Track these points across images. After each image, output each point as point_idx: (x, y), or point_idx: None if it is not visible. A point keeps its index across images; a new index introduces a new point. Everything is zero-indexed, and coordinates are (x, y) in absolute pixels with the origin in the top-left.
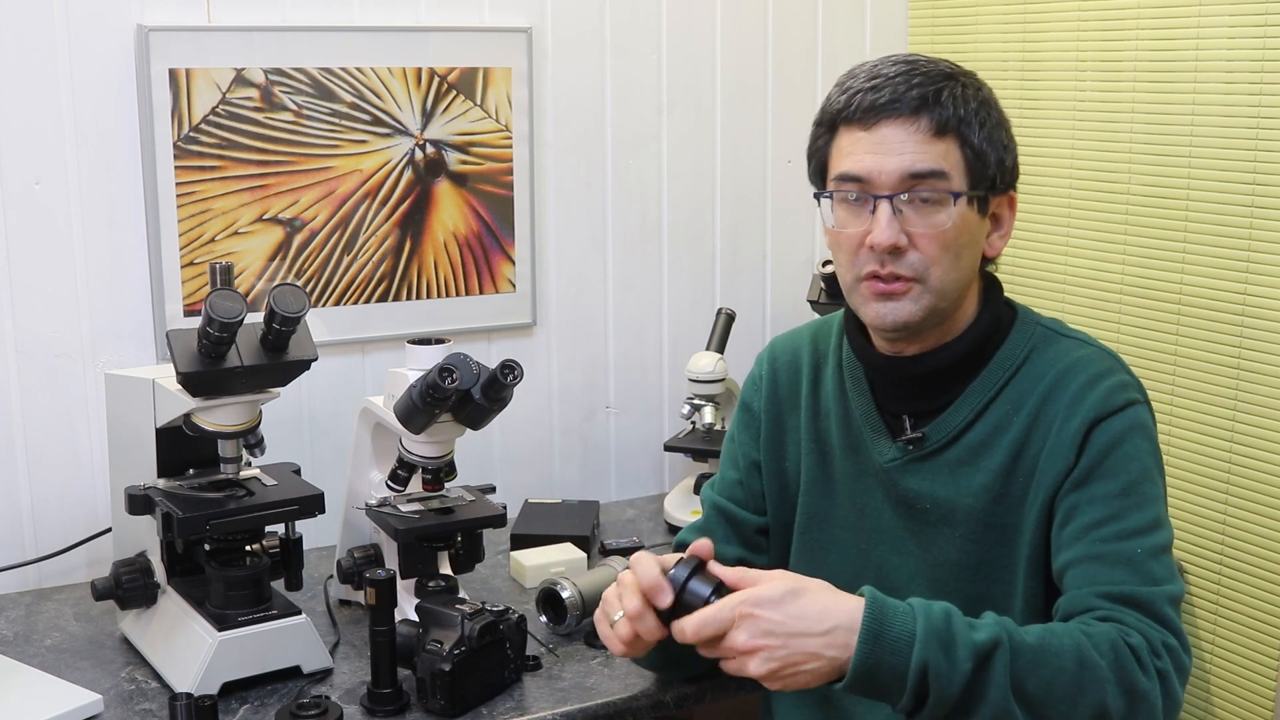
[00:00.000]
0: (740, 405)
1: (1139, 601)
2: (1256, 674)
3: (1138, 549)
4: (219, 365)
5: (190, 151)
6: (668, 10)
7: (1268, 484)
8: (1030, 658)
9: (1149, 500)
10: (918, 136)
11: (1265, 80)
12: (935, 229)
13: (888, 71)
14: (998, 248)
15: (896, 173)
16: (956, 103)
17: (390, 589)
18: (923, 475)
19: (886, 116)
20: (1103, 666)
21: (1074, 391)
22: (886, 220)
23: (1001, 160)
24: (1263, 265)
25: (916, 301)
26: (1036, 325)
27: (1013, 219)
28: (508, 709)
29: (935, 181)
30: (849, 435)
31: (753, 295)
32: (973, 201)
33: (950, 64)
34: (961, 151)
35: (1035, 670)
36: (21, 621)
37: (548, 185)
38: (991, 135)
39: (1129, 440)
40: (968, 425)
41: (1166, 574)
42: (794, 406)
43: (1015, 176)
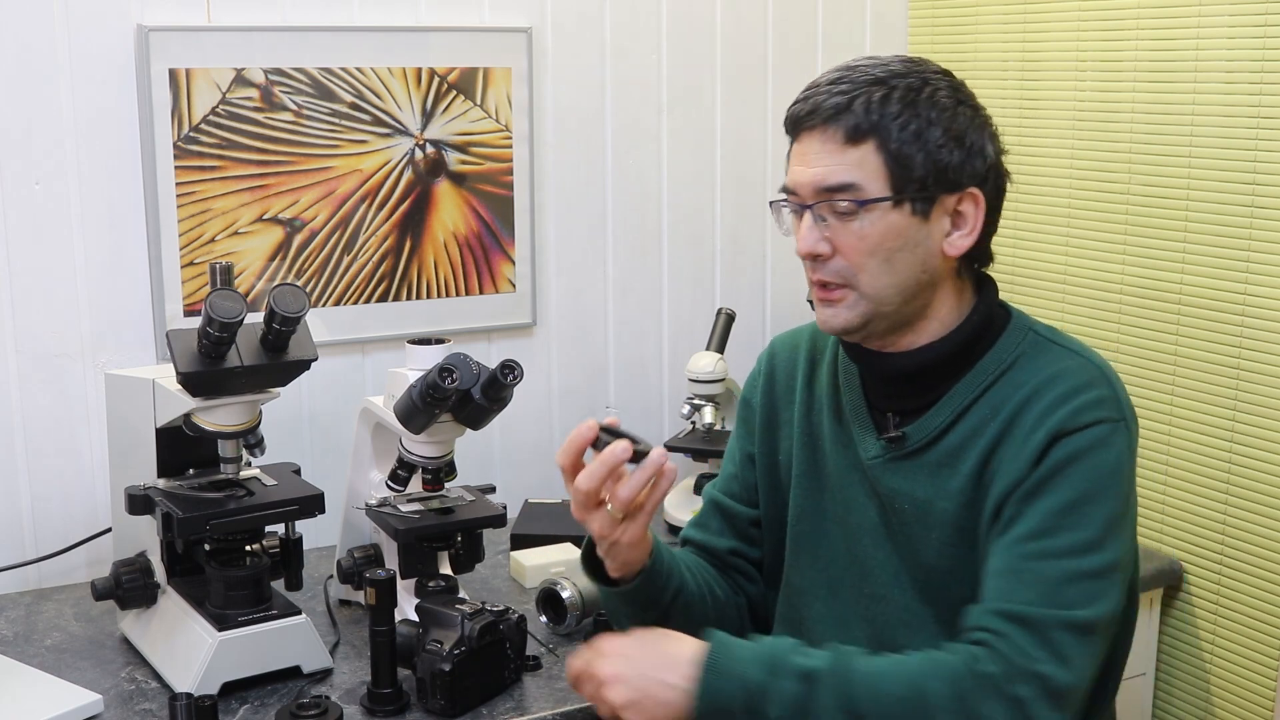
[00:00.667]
0: (741, 401)
1: (1030, 623)
2: (1256, 674)
3: (1056, 570)
4: (219, 365)
5: (190, 151)
6: (668, 10)
7: (1268, 484)
8: (866, 683)
9: (1089, 521)
10: (830, 146)
11: (1265, 80)
12: (854, 236)
13: (821, 80)
14: (960, 247)
15: (811, 185)
16: (871, 108)
17: (390, 589)
18: (903, 475)
19: (806, 128)
20: (940, 694)
21: (1047, 403)
22: (807, 229)
23: (935, 159)
24: (1263, 265)
25: (852, 308)
26: (1029, 331)
27: (980, 216)
28: (508, 709)
29: (845, 194)
30: (839, 430)
31: (753, 295)
32: (901, 205)
33: (901, 64)
34: (879, 156)
35: (870, 695)
36: (21, 621)
37: (548, 185)
38: (919, 136)
39: (1086, 457)
40: (948, 427)
41: (1081, 598)
42: (789, 401)
43: (962, 174)
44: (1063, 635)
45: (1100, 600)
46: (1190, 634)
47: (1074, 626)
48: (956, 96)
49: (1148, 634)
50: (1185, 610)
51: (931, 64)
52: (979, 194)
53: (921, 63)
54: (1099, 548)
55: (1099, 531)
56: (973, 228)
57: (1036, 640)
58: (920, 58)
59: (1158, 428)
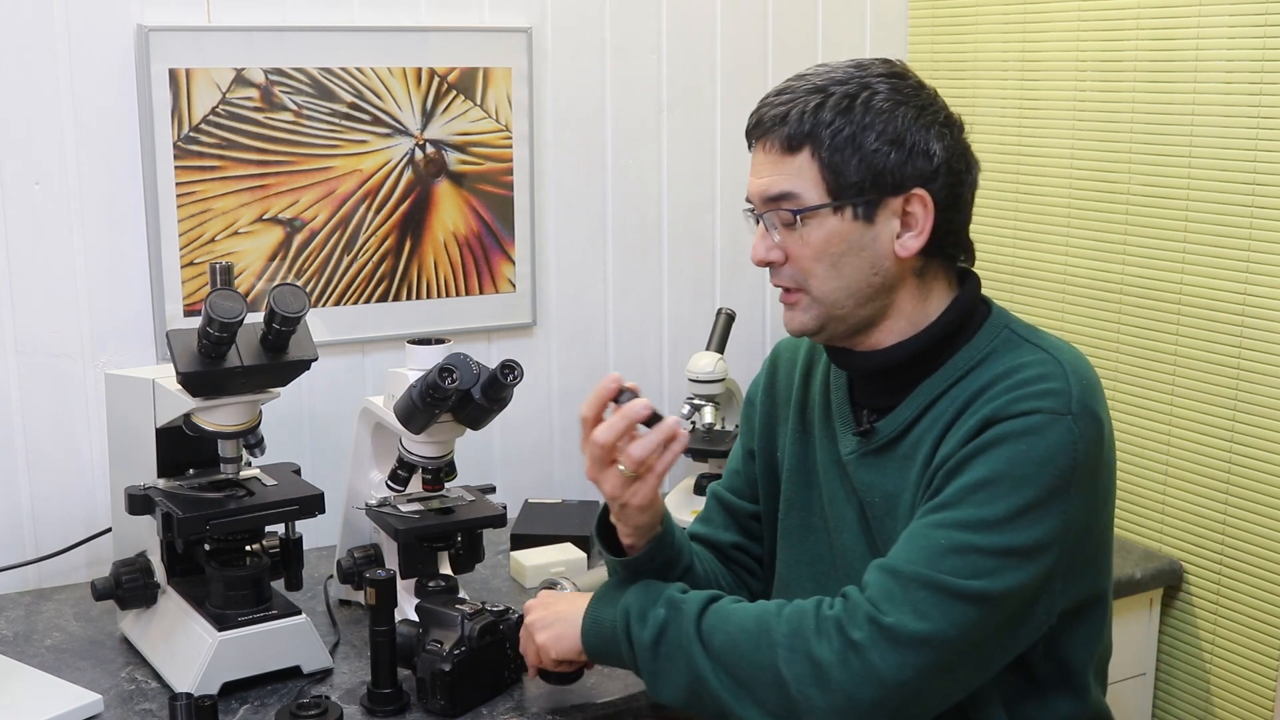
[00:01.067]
0: (745, 400)
1: (894, 573)
2: (1256, 674)
3: (943, 538)
4: (219, 365)
5: (190, 151)
6: (668, 10)
7: (1268, 484)
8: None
9: (995, 500)
10: (772, 157)
11: (1265, 80)
12: (800, 243)
13: (770, 92)
14: (910, 248)
15: (759, 194)
16: (804, 117)
17: (390, 589)
18: (875, 469)
19: (755, 139)
20: (778, 630)
21: (994, 391)
22: (759, 238)
23: (871, 164)
24: (1263, 265)
25: (806, 311)
26: (1004, 328)
27: (929, 216)
28: (508, 709)
29: (785, 202)
30: (827, 426)
31: (753, 295)
32: (842, 210)
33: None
34: (814, 164)
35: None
36: (21, 621)
37: (548, 185)
38: (853, 140)
39: (1011, 442)
40: (914, 421)
41: (960, 568)
42: (787, 398)
43: (904, 175)
44: (923, 593)
45: (985, 576)
46: (1190, 634)
47: (939, 587)
48: (897, 98)
49: (1148, 634)
50: (1185, 610)
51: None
52: (925, 194)
53: (868, 65)
54: (997, 528)
55: (1003, 513)
56: (921, 229)
57: (895, 591)
58: (876, 60)
59: (1158, 428)
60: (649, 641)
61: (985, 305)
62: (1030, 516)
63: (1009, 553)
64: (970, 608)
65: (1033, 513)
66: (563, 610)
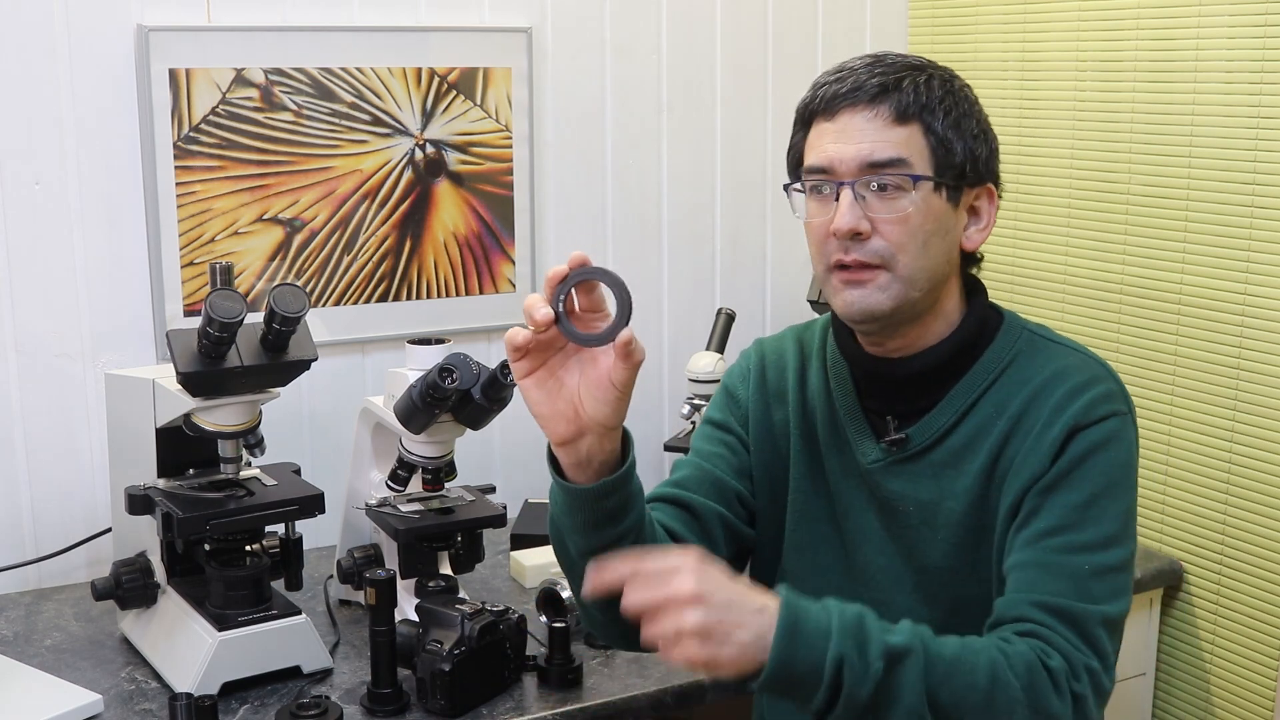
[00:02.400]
0: (722, 390)
1: (1072, 617)
2: (1256, 674)
3: (1084, 564)
4: (219, 365)
5: (190, 151)
6: (668, 10)
7: (1268, 484)
8: (945, 669)
9: (1108, 516)
10: (877, 123)
11: (1265, 80)
12: (897, 214)
13: (853, 64)
14: (976, 241)
15: (855, 160)
16: (919, 90)
17: (390, 589)
18: (905, 477)
19: (848, 105)
20: (1015, 687)
21: (1059, 398)
22: (847, 206)
23: (971, 150)
24: (1263, 265)
25: (884, 290)
26: (1023, 330)
27: (993, 213)
28: (508, 709)
29: (895, 168)
30: (834, 434)
31: (753, 295)
32: (940, 189)
33: (923, 59)
34: (925, 138)
35: (948, 682)
36: (21, 621)
37: (548, 185)
38: (959, 124)
39: (1103, 452)
40: (951, 428)
41: (1108, 594)
42: (781, 401)
43: (992, 170)
44: (1099, 631)
45: (1122, 596)
46: (1190, 634)
47: (1107, 622)
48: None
49: (1148, 634)
50: (1185, 610)
51: None
52: (994, 190)
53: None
54: (1118, 542)
55: (1118, 526)
56: (987, 223)
57: (1079, 635)
58: None
59: (1158, 428)
60: (867, 697)
61: (995, 309)
62: (1131, 519)
63: (1129, 563)
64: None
65: (1130, 515)
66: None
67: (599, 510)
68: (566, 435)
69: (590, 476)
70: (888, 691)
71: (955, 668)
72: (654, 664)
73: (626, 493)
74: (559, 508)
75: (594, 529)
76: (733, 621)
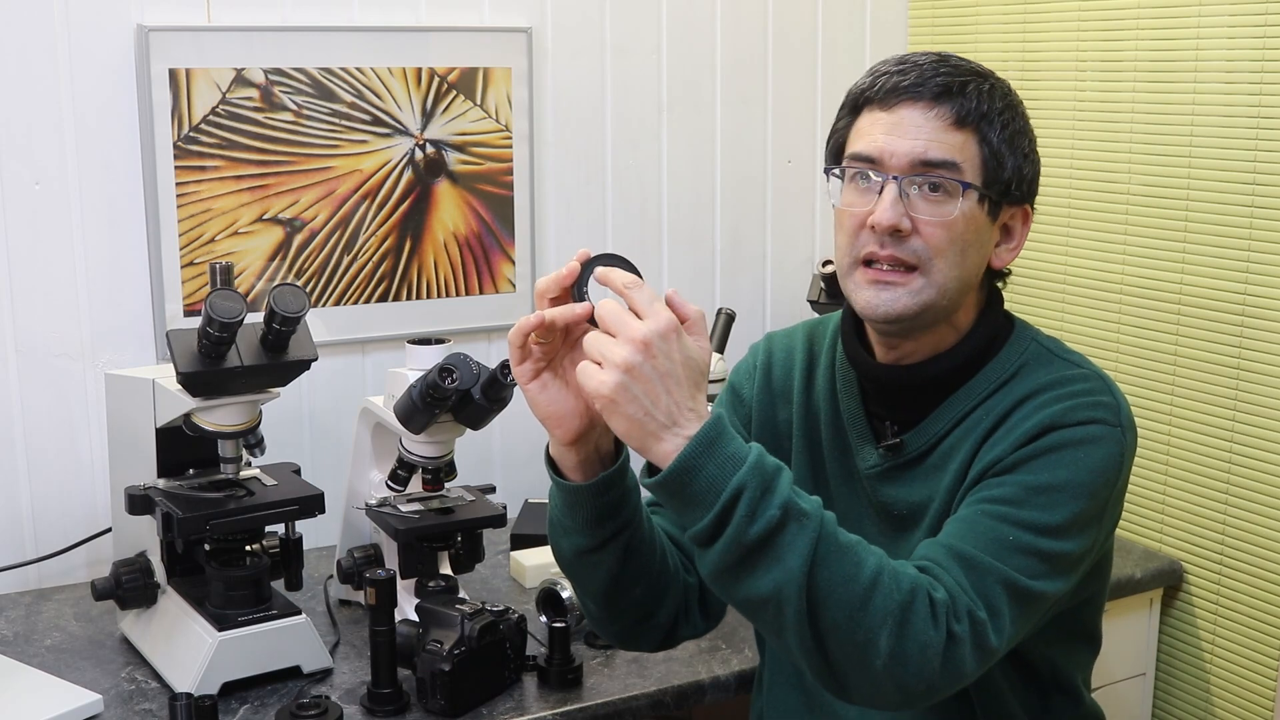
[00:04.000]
0: (728, 387)
1: (974, 566)
2: (1256, 674)
3: (1009, 535)
4: (219, 365)
5: (190, 151)
6: (668, 10)
7: (1268, 484)
8: (835, 550)
9: (1056, 507)
10: (935, 123)
11: (1265, 80)
12: (942, 218)
13: (917, 59)
14: (1004, 259)
15: (908, 156)
16: (981, 98)
17: (390, 589)
18: (900, 482)
19: (907, 99)
20: (894, 599)
21: (1043, 399)
22: (891, 201)
23: (1019, 167)
24: (1263, 265)
25: (916, 294)
26: (1032, 341)
27: (1025, 234)
28: (508, 709)
29: (947, 171)
30: (837, 438)
31: (753, 295)
32: (983, 201)
33: (988, 68)
34: (979, 147)
35: (832, 563)
36: (21, 621)
37: (548, 185)
38: (1013, 140)
39: (1074, 449)
40: (945, 433)
41: (1023, 567)
42: (786, 400)
43: (1033, 191)
44: (999, 590)
45: (1039, 578)
46: (1190, 634)
47: (1011, 587)
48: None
49: (1148, 634)
50: (1185, 610)
51: None
52: (1030, 212)
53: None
54: (1057, 534)
55: (1062, 520)
56: (1017, 244)
57: (976, 584)
58: None
59: (1158, 428)
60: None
61: (1008, 319)
62: (1083, 526)
63: (1063, 559)
64: (1026, 610)
65: (1085, 523)
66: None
67: (600, 505)
68: (576, 432)
69: (588, 474)
70: (772, 543)
71: (844, 554)
72: (654, 664)
73: (624, 486)
74: (559, 509)
75: (596, 525)
76: (657, 390)
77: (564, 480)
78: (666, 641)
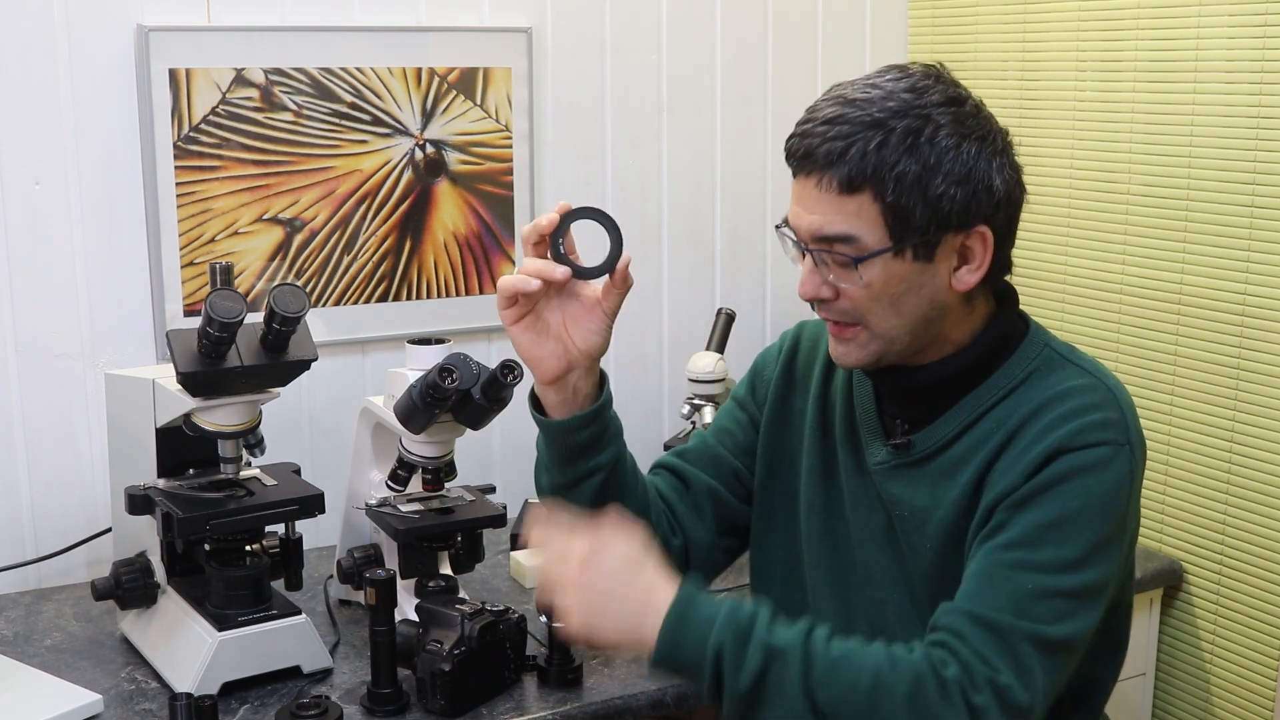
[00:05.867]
0: (753, 366)
1: (996, 629)
2: (1256, 674)
3: (1029, 583)
4: (219, 365)
5: (190, 151)
6: (668, 10)
7: (1268, 484)
8: (826, 670)
9: (1071, 540)
10: (828, 195)
11: (1265, 80)
12: (857, 284)
13: (818, 116)
14: (968, 282)
15: (808, 232)
16: (866, 156)
17: (390, 589)
18: (905, 482)
19: (803, 170)
20: (898, 693)
21: (1051, 419)
22: (808, 273)
23: (937, 207)
24: (1263, 265)
25: (864, 347)
26: (1045, 347)
27: (988, 252)
28: (508, 709)
29: (842, 245)
30: (850, 431)
31: (753, 295)
32: (903, 253)
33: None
34: (877, 206)
35: (829, 683)
36: (21, 621)
37: (548, 185)
38: (920, 182)
39: (1083, 477)
40: (954, 438)
41: (1049, 615)
42: (804, 389)
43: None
44: (1026, 648)
45: (1070, 620)
46: (1190, 634)
47: (1039, 641)
48: (961, 131)
49: (1148, 634)
50: (1185, 610)
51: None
52: (987, 231)
53: (924, 91)
54: (1078, 567)
55: (1081, 552)
56: (980, 264)
57: (1000, 648)
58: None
59: (1158, 428)
60: (745, 690)
61: (1022, 320)
62: (1103, 551)
63: (1088, 591)
64: (1060, 658)
65: (1104, 548)
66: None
67: (571, 444)
68: (556, 372)
69: (566, 414)
70: (764, 685)
71: (837, 670)
72: None
73: (600, 427)
74: (540, 445)
75: (567, 463)
76: (606, 609)
77: (544, 417)
78: None
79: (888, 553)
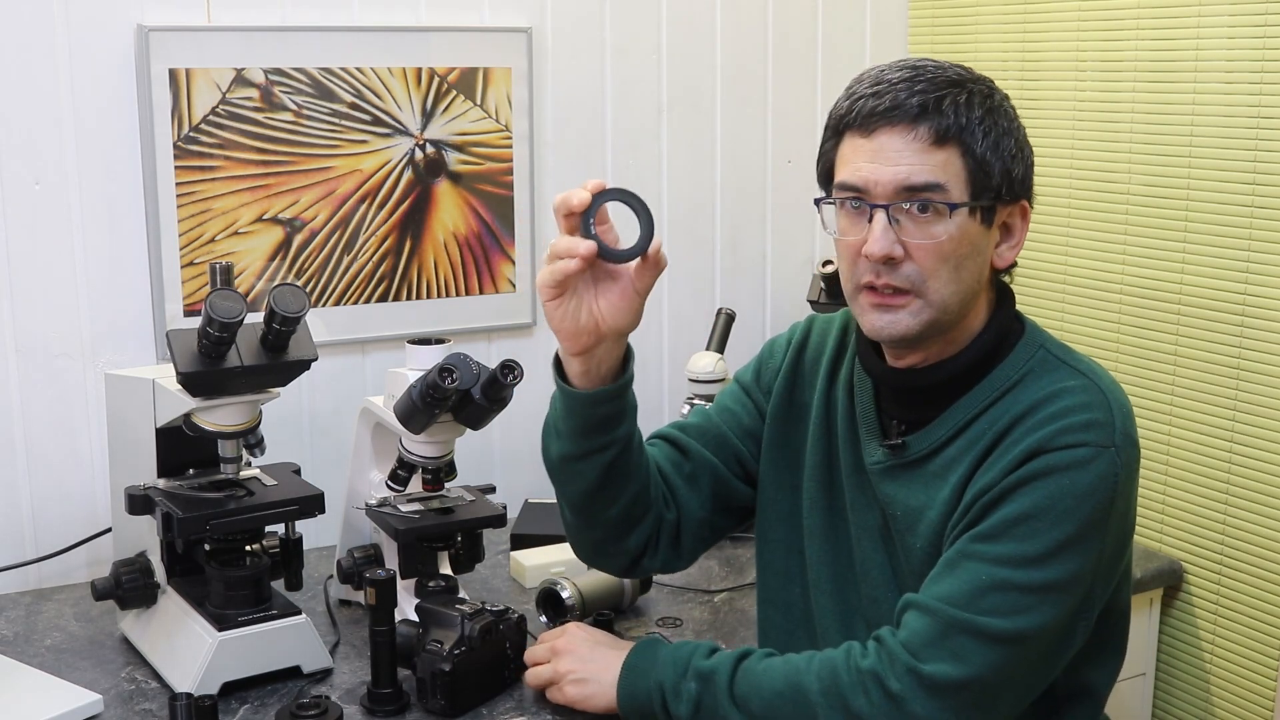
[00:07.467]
0: (759, 354)
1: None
2: (1256, 674)
3: (985, 574)
4: (219, 365)
5: (190, 151)
6: (668, 10)
7: (1268, 484)
8: (750, 682)
9: (1038, 536)
10: (915, 145)
11: (1265, 80)
12: (931, 240)
13: (892, 77)
14: (1007, 259)
15: (892, 184)
16: (959, 110)
17: (390, 589)
18: (900, 483)
19: (885, 124)
20: (812, 688)
21: (1037, 419)
22: (881, 230)
23: (1008, 169)
24: (1263, 265)
25: (916, 316)
26: (1040, 347)
27: (1025, 229)
28: (508, 709)
29: (931, 194)
30: (851, 430)
31: (753, 295)
32: (975, 212)
33: (962, 69)
34: (963, 161)
35: (755, 694)
36: (21, 621)
37: (548, 185)
38: (998, 143)
39: (1059, 475)
40: (948, 440)
41: (1002, 607)
42: (811, 384)
43: (1027, 186)
44: (961, 638)
45: (1024, 614)
46: (1190, 634)
47: (978, 632)
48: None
49: (1148, 634)
50: (1185, 610)
51: None
52: (1028, 207)
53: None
54: (1039, 564)
55: (1044, 548)
56: (1018, 240)
57: (933, 637)
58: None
59: (1158, 428)
60: (687, 716)
61: (1019, 320)
62: (1070, 551)
63: (1047, 588)
64: (1008, 649)
65: (1072, 547)
66: (596, 670)
67: (591, 417)
68: (583, 346)
69: (588, 386)
70: (702, 710)
71: (760, 680)
72: None
73: (621, 404)
74: (557, 413)
75: (583, 435)
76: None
77: (569, 386)
78: (632, 568)
79: (883, 552)
